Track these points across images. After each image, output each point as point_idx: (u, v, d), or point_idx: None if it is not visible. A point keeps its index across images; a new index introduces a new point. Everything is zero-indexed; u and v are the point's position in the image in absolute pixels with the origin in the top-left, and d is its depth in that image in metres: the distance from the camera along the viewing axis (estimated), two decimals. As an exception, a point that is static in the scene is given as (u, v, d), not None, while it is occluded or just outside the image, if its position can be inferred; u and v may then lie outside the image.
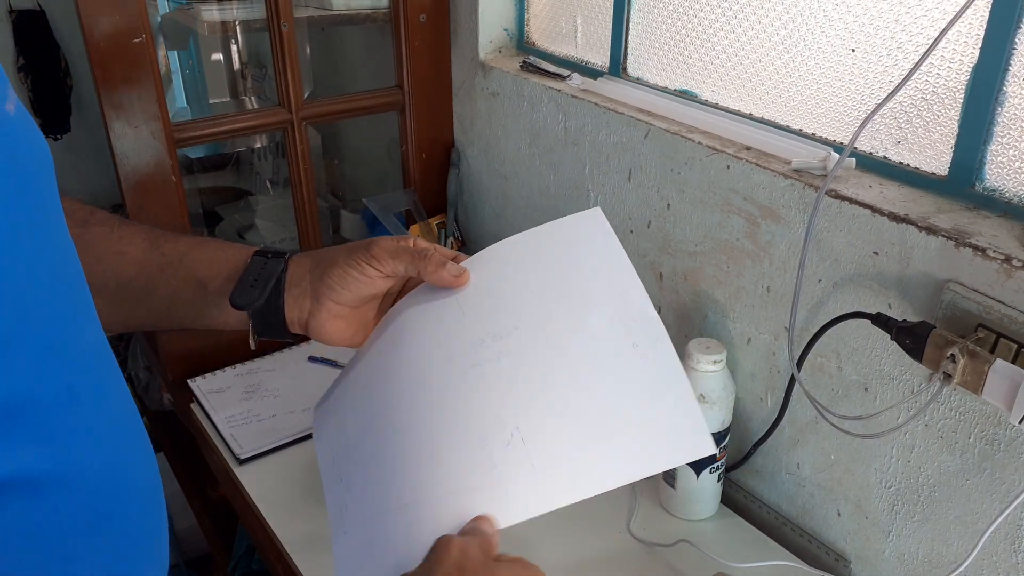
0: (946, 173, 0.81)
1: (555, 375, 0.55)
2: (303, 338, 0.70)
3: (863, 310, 0.82)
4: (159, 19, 1.73)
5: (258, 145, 1.88)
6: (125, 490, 0.50)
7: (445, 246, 1.39)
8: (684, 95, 1.08)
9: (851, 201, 0.82)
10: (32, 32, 1.75)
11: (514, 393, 0.54)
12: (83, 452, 0.45)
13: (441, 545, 0.52)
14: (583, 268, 0.60)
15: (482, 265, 0.64)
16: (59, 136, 1.83)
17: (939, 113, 0.80)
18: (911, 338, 0.75)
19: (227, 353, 1.30)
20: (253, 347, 0.70)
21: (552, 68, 1.23)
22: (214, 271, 0.69)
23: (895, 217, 0.78)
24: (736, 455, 1.03)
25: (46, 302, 0.44)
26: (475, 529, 0.54)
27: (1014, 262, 0.70)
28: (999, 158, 0.76)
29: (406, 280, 0.68)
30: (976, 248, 0.72)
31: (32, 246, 0.43)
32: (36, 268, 0.43)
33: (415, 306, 0.64)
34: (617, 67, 1.16)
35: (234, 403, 1.21)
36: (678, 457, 0.54)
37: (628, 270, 0.57)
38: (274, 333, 0.68)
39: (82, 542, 0.46)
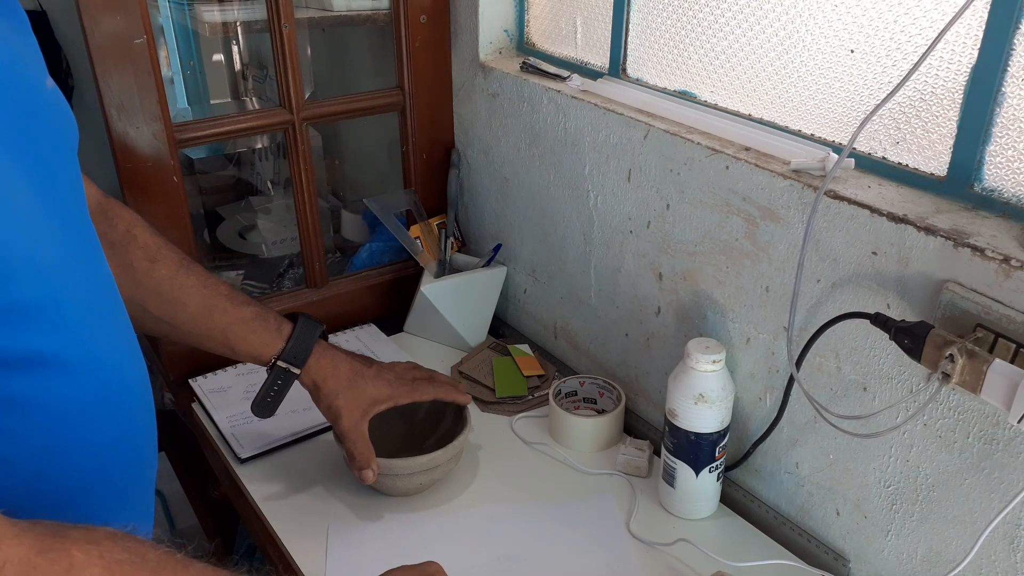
0: (945, 173, 0.81)
1: None
2: None
3: (862, 310, 0.82)
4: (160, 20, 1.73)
5: (259, 145, 1.88)
6: (125, 382, 0.62)
7: (445, 246, 1.39)
8: (683, 96, 1.08)
9: (850, 201, 0.82)
10: (34, 32, 1.74)
11: None
12: (96, 345, 0.57)
13: None
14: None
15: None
16: (60, 136, 1.83)
17: (938, 114, 0.80)
18: (910, 338, 0.75)
19: (228, 353, 1.30)
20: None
21: (552, 69, 1.23)
22: (246, 351, 0.94)
23: (894, 217, 0.79)
24: (735, 454, 1.04)
25: (74, 233, 0.59)
26: None
27: (1012, 262, 0.70)
28: (998, 158, 0.77)
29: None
30: (975, 248, 0.72)
31: (63, 189, 0.57)
32: (67, 207, 0.57)
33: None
34: (617, 68, 1.17)
35: (235, 403, 1.21)
36: None
37: None
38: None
39: (91, 416, 0.57)
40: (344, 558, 0.96)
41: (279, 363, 0.94)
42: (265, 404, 0.97)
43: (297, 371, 0.95)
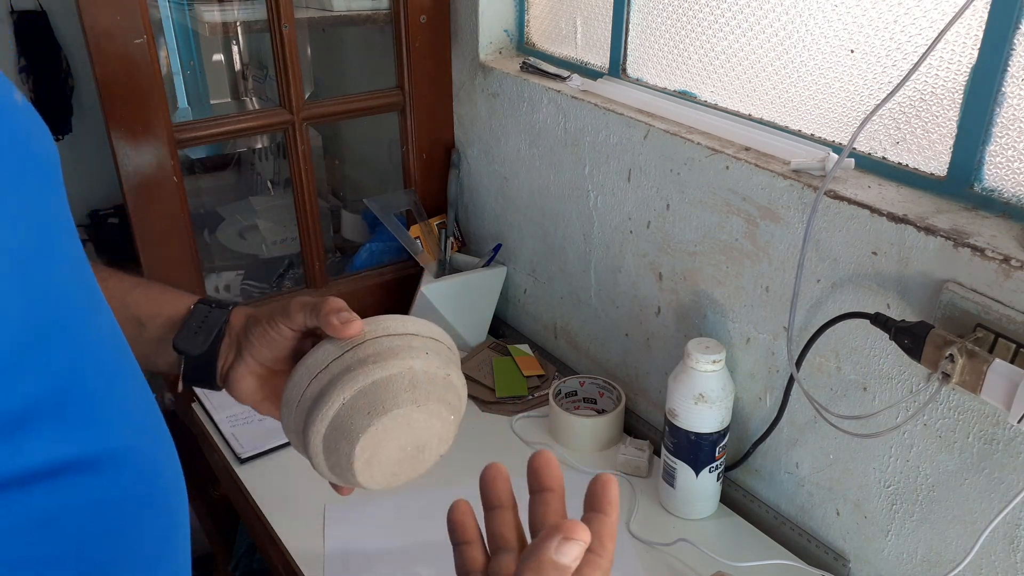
0: (945, 173, 0.81)
1: None
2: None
3: (862, 310, 0.82)
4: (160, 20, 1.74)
5: (259, 146, 1.88)
6: (159, 469, 0.53)
7: (445, 246, 1.39)
8: (683, 96, 1.08)
9: (850, 201, 0.82)
10: (33, 33, 1.75)
11: None
12: (123, 432, 0.48)
13: None
14: None
15: None
16: (60, 137, 1.83)
17: (938, 114, 0.80)
18: (910, 338, 0.75)
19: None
20: (179, 391, 0.73)
21: (552, 69, 1.23)
22: (154, 312, 0.71)
23: (894, 217, 0.79)
24: (735, 454, 1.04)
25: (74, 292, 0.47)
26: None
27: (1012, 262, 0.70)
28: (998, 158, 0.77)
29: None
30: (975, 248, 0.72)
31: (57, 234, 0.47)
32: (61, 257, 0.46)
33: None
34: (617, 68, 1.17)
35: (235, 403, 1.21)
36: None
37: None
38: (204, 382, 0.70)
39: (136, 516, 0.49)
40: (341, 544, 0.96)
41: (201, 304, 0.71)
42: (190, 337, 0.70)
43: (229, 305, 0.72)
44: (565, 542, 0.43)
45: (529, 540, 0.49)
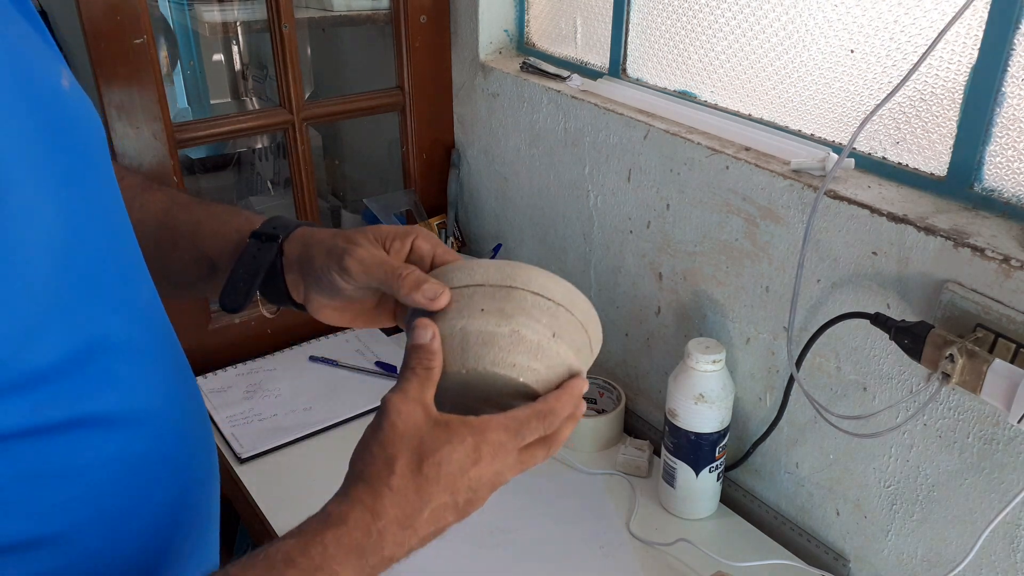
0: (945, 173, 0.81)
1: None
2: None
3: (862, 310, 0.82)
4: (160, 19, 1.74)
5: (259, 146, 1.88)
6: (182, 432, 0.56)
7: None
8: (683, 96, 1.08)
9: (850, 201, 0.82)
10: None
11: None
12: (146, 396, 0.51)
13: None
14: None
15: None
16: (60, 136, 1.83)
17: (938, 114, 0.80)
18: (910, 338, 0.75)
19: (229, 352, 1.30)
20: (269, 315, 0.70)
21: (552, 69, 1.23)
22: (221, 247, 0.67)
23: (894, 217, 0.79)
24: (735, 454, 1.04)
25: (109, 262, 0.50)
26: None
27: (1012, 262, 0.70)
28: (998, 158, 0.77)
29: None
30: (975, 248, 0.72)
31: (96, 210, 0.50)
32: (100, 231, 0.50)
33: None
34: (617, 68, 1.17)
35: (235, 402, 1.21)
36: None
37: None
38: (285, 304, 0.66)
39: (151, 472, 0.51)
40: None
41: (253, 238, 0.65)
42: (235, 290, 0.64)
43: (279, 236, 0.65)
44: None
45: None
